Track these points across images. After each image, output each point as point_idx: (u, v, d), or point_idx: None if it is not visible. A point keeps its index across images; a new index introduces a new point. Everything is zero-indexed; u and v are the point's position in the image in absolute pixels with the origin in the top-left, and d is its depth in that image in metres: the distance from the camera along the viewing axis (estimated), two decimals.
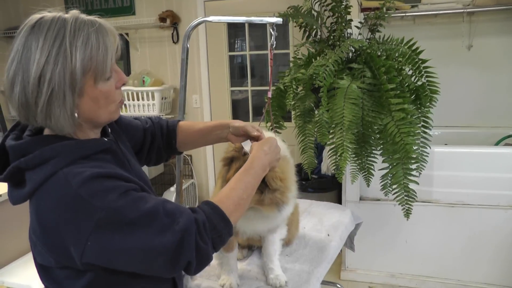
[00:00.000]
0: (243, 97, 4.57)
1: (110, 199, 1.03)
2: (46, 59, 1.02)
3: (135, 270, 1.10)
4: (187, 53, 1.89)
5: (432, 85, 2.26)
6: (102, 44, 1.08)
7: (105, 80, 1.11)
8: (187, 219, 1.10)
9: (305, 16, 2.49)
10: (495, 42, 3.67)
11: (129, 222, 1.04)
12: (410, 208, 2.23)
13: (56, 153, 1.07)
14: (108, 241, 1.03)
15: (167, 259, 1.07)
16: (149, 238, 1.05)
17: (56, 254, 1.09)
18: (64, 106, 1.05)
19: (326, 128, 2.20)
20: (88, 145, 1.14)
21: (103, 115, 1.16)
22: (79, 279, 1.12)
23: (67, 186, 1.02)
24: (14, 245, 2.55)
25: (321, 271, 1.83)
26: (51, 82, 1.03)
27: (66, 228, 1.03)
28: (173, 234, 1.07)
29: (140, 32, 4.65)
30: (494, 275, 3.16)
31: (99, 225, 1.01)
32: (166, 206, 1.10)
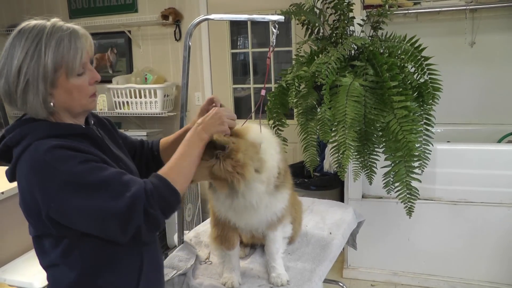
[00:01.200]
0: (245, 95, 4.57)
1: (71, 164, 1.22)
2: (24, 56, 1.25)
3: (93, 231, 1.27)
4: (189, 51, 1.89)
5: (434, 83, 2.26)
6: (74, 45, 1.29)
7: (77, 75, 1.32)
8: (138, 188, 1.24)
9: (307, 13, 2.49)
10: (498, 39, 3.66)
11: (86, 186, 1.21)
12: (413, 206, 2.22)
13: (33, 130, 1.29)
14: (68, 202, 1.21)
15: (119, 222, 1.22)
16: (103, 202, 1.21)
17: (33, 219, 1.31)
18: (37, 94, 1.27)
19: (328, 126, 2.19)
20: (63, 126, 1.34)
21: (77, 106, 1.36)
22: (58, 246, 1.32)
23: (36, 153, 1.23)
24: (16, 243, 2.56)
25: (323, 269, 1.83)
26: (27, 74, 1.25)
27: (35, 190, 1.22)
28: (124, 200, 1.21)
29: (142, 29, 4.65)
30: (497, 273, 3.15)
31: (61, 187, 1.20)
32: (122, 177, 1.27)
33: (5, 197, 2.43)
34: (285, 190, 1.66)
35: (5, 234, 2.52)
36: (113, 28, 4.58)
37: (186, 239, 2.09)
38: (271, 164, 1.53)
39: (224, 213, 1.63)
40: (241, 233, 1.76)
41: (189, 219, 4.12)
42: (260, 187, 1.51)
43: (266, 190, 1.53)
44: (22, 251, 2.55)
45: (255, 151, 1.49)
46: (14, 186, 2.45)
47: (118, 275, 1.39)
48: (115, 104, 4.51)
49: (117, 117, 4.67)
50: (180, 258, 1.88)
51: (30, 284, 2.23)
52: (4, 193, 2.43)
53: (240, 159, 1.42)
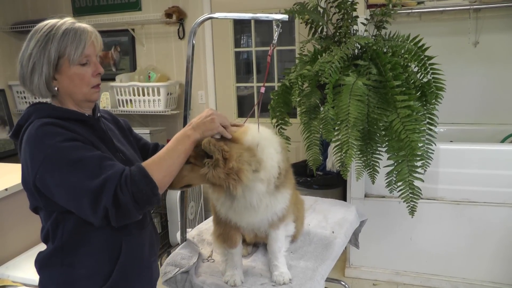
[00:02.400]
0: (248, 93, 4.57)
1: (56, 139, 1.36)
2: (35, 45, 1.46)
3: (70, 207, 1.39)
4: (192, 49, 1.89)
5: (438, 82, 2.25)
6: (78, 38, 1.47)
7: (80, 65, 1.49)
8: (114, 172, 1.35)
9: (311, 12, 2.48)
10: (501, 39, 3.65)
11: (67, 162, 1.34)
12: (415, 205, 2.22)
13: (37, 110, 1.48)
14: (49, 174, 1.35)
15: (89, 200, 1.31)
16: (79, 180, 1.32)
17: (28, 191, 1.48)
18: (41, 75, 1.46)
19: (332, 125, 2.19)
20: (64, 110, 1.51)
21: (78, 93, 1.52)
22: (49, 220, 1.48)
23: (32, 128, 1.40)
24: (20, 240, 2.57)
25: (326, 268, 1.84)
26: (34, 58, 1.46)
27: (27, 161, 1.39)
28: (98, 180, 1.32)
29: (146, 27, 4.65)
30: (499, 273, 3.15)
31: (45, 159, 1.35)
32: (104, 161, 1.38)
33: (8, 193, 2.44)
34: (286, 190, 1.65)
35: (9, 230, 2.53)
36: (116, 26, 4.59)
37: (189, 237, 2.10)
38: (270, 164, 1.53)
39: (225, 213, 1.63)
40: (244, 232, 1.77)
41: (191, 217, 4.13)
42: (260, 186, 1.51)
43: (266, 190, 1.53)
44: (26, 248, 2.56)
45: (252, 154, 1.50)
46: (17, 183, 2.48)
47: (90, 257, 1.49)
48: (118, 102, 4.52)
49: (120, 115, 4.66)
50: (182, 256, 1.89)
51: (34, 281, 2.24)
52: (8, 189, 2.43)
53: (233, 166, 1.43)
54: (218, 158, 1.43)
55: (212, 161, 1.44)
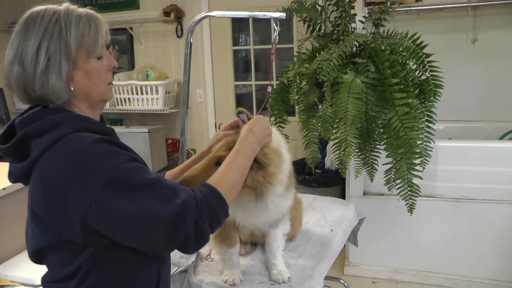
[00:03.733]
0: (247, 92, 4.57)
1: (118, 161, 1.10)
2: (43, 34, 1.15)
3: (132, 240, 1.14)
4: (190, 48, 1.89)
5: (436, 80, 2.26)
6: (93, 25, 1.22)
7: (97, 58, 1.24)
8: (188, 195, 1.15)
9: (309, 10, 2.48)
10: (499, 36, 3.65)
11: (134, 186, 1.09)
12: (414, 203, 2.23)
13: (67, 119, 1.16)
14: (112, 204, 1.07)
15: (167, 230, 1.10)
16: (152, 206, 1.09)
17: (56, 223, 1.13)
18: (59, 74, 1.16)
19: (330, 123, 2.20)
20: (95, 121, 1.24)
21: (96, 92, 1.26)
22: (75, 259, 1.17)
23: (77, 145, 1.10)
24: (17, 239, 2.56)
25: (325, 266, 1.83)
26: (48, 51, 1.15)
27: (71, 187, 1.07)
28: (175, 206, 1.11)
29: (144, 26, 4.65)
30: (498, 270, 3.15)
31: (105, 185, 1.06)
32: (167, 181, 1.17)
33: (6, 193, 2.43)
34: (292, 189, 1.68)
35: (6, 230, 2.52)
36: (114, 25, 4.58)
37: None
38: (287, 165, 1.56)
39: (232, 213, 1.62)
40: (240, 232, 1.76)
41: None
42: (280, 188, 1.54)
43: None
44: (24, 248, 2.55)
45: (281, 159, 1.52)
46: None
47: None
48: (116, 101, 4.51)
49: (118, 114, 4.68)
50: (181, 254, 1.88)
51: (32, 280, 2.23)
52: (5, 189, 2.43)
53: (271, 171, 1.45)
54: (265, 162, 1.43)
55: (259, 165, 1.43)
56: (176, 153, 4.73)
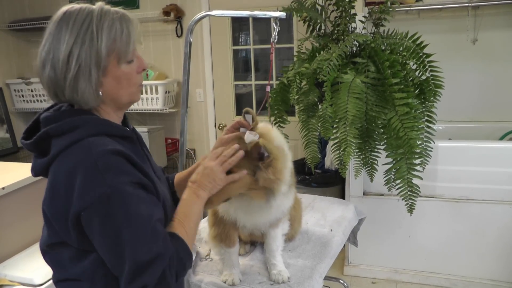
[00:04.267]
0: (247, 91, 4.56)
1: (121, 180, 1.12)
2: (74, 40, 1.16)
3: (105, 260, 1.16)
4: (190, 47, 1.89)
5: (436, 80, 2.25)
6: (126, 29, 1.22)
7: (127, 62, 1.24)
8: (166, 248, 1.15)
9: (309, 10, 2.48)
10: (500, 36, 3.65)
11: (125, 214, 1.10)
12: (414, 203, 2.22)
13: (85, 123, 1.19)
14: (99, 220, 1.10)
15: (131, 269, 1.10)
16: (131, 241, 1.10)
17: (56, 222, 1.17)
18: (89, 81, 1.18)
19: (330, 123, 2.19)
20: (115, 126, 1.26)
21: (125, 95, 1.27)
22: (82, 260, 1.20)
23: (88, 153, 1.12)
24: (17, 239, 2.56)
25: (324, 266, 1.83)
26: (79, 59, 1.16)
27: (72, 191, 1.11)
28: (150, 252, 1.12)
29: (144, 25, 4.64)
30: (498, 271, 3.15)
31: (101, 199, 1.09)
32: (157, 225, 1.16)
33: (5, 192, 2.43)
34: (293, 188, 1.68)
35: (6, 229, 2.52)
36: None
37: None
38: (290, 162, 1.56)
39: (233, 214, 1.62)
40: (240, 231, 1.76)
41: None
42: (285, 188, 1.53)
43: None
44: (23, 247, 2.56)
45: (285, 155, 1.51)
46: (15, 181, 2.47)
47: None
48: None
49: None
50: None
51: (31, 280, 2.23)
52: (4, 188, 2.43)
53: (279, 166, 1.44)
54: (274, 158, 1.41)
55: (267, 162, 1.40)
56: (176, 153, 4.72)
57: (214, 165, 1.37)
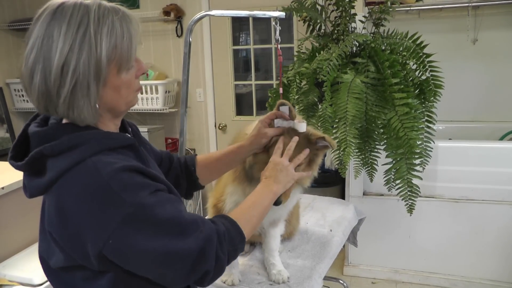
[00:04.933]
0: (247, 91, 4.56)
1: (141, 195, 1.01)
2: (70, 47, 0.99)
3: (150, 275, 1.06)
4: (189, 47, 1.88)
5: (436, 80, 2.25)
6: (127, 33, 1.06)
7: (128, 69, 1.09)
8: (210, 229, 1.10)
9: (309, 10, 2.48)
10: (500, 36, 3.65)
11: (155, 222, 1.01)
12: (414, 203, 2.22)
13: (85, 141, 1.04)
14: (131, 239, 0.99)
15: (187, 266, 1.05)
16: (172, 242, 1.02)
17: (71, 248, 1.04)
18: (88, 97, 1.03)
19: (330, 123, 2.19)
20: (116, 138, 1.11)
21: (123, 104, 1.13)
22: (95, 282, 1.09)
23: (97, 175, 0.99)
24: (16, 239, 2.56)
25: (324, 266, 1.83)
26: (76, 71, 1.00)
27: (89, 219, 0.99)
28: (196, 241, 1.05)
29: (144, 25, 4.63)
30: (498, 271, 3.15)
31: (125, 221, 0.98)
32: (189, 214, 1.10)
33: (5, 192, 2.43)
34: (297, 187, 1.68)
35: (5, 229, 2.52)
36: None
37: None
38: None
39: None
40: None
41: None
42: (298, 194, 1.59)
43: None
44: (22, 247, 2.55)
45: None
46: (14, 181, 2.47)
47: None
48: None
49: None
50: None
51: (30, 280, 2.23)
52: (4, 188, 2.42)
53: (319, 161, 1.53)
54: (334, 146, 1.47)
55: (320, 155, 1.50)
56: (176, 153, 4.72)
57: (284, 161, 1.38)
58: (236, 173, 1.59)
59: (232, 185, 1.61)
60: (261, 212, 1.30)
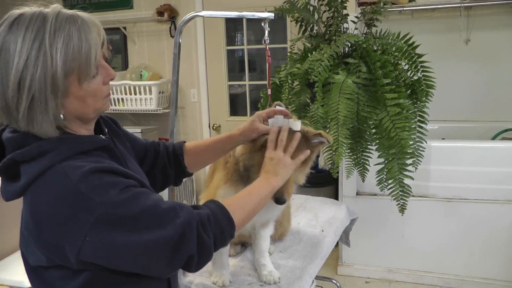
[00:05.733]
0: (241, 91, 4.56)
1: (111, 194, 1.01)
2: (25, 63, 0.98)
3: (134, 269, 1.07)
4: (179, 48, 1.88)
5: (428, 80, 2.26)
6: (85, 43, 1.03)
7: (91, 78, 1.07)
8: (188, 213, 1.09)
9: (300, 10, 2.48)
10: (492, 36, 3.66)
11: (130, 217, 1.01)
12: (405, 203, 2.23)
13: (54, 147, 1.04)
14: (107, 237, 0.99)
15: (168, 253, 1.05)
16: (150, 233, 1.02)
17: (49, 252, 1.05)
18: (46, 112, 1.01)
19: (321, 123, 2.19)
20: (87, 141, 1.11)
21: (91, 112, 1.12)
22: (74, 279, 1.08)
23: (66, 180, 0.99)
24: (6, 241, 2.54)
25: (314, 267, 1.83)
26: (31, 88, 0.99)
27: (63, 224, 0.99)
28: (174, 227, 1.05)
29: (138, 26, 4.63)
30: (491, 270, 3.16)
31: (99, 220, 0.98)
32: (166, 202, 1.09)
33: None
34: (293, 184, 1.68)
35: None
36: (108, 25, 4.56)
37: None
38: None
39: None
40: None
41: None
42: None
43: None
44: (13, 250, 2.54)
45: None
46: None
47: None
48: (109, 101, 4.48)
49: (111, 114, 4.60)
50: None
51: (21, 283, 2.22)
52: None
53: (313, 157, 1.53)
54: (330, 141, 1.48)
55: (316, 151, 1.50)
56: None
57: (278, 153, 1.37)
58: (228, 175, 1.58)
59: (224, 187, 1.60)
60: (256, 201, 1.28)
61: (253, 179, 1.44)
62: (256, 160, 1.48)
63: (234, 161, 1.57)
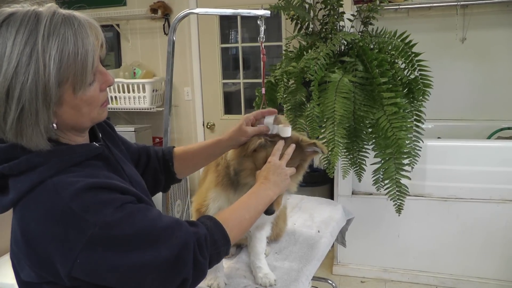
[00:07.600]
0: (235, 90, 4.53)
1: (104, 213, 0.94)
2: (14, 70, 0.89)
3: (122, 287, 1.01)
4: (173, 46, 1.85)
5: (425, 79, 2.24)
6: (82, 49, 0.95)
7: (87, 86, 0.99)
8: (185, 233, 1.04)
9: (296, 8, 2.46)
10: (489, 35, 3.65)
11: (123, 237, 0.96)
12: (402, 203, 2.21)
13: (44, 160, 0.97)
14: (100, 258, 0.94)
15: (162, 274, 1.00)
16: (145, 254, 0.97)
17: (40, 269, 0.99)
18: (37, 124, 0.94)
19: (317, 123, 2.17)
20: (80, 151, 1.04)
21: (86, 121, 1.05)
22: None
23: (57, 198, 0.93)
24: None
25: (311, 269, 1.80)
26: (21, 98, 0.91)
27: (53, 243, 0.94)
28: (170, 248, 1.00)
29: (131, 23, 4.59)
30: (486, 269, 3.15)
31: (91, 241, 0.93)
32: (163, 219, 1.04)
33: None
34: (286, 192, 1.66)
35: None
36: (101, 22, 4.41)
37: None
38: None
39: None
40: None
41: (178, 215, 4.09)
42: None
43: None
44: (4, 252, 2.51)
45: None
46: None
47: None
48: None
49: None
50: None
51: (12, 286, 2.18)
52: None
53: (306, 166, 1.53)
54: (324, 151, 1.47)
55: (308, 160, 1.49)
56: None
57: (276, 160, 1.37)
58: (219, 178, 1.57)
59: (215, 190, 1.58)
60: (253, 216, 1.24)
61: (243, 183, 1.47)
62: (246, 165, 1.47)
63: (225, 164, 1.55)
